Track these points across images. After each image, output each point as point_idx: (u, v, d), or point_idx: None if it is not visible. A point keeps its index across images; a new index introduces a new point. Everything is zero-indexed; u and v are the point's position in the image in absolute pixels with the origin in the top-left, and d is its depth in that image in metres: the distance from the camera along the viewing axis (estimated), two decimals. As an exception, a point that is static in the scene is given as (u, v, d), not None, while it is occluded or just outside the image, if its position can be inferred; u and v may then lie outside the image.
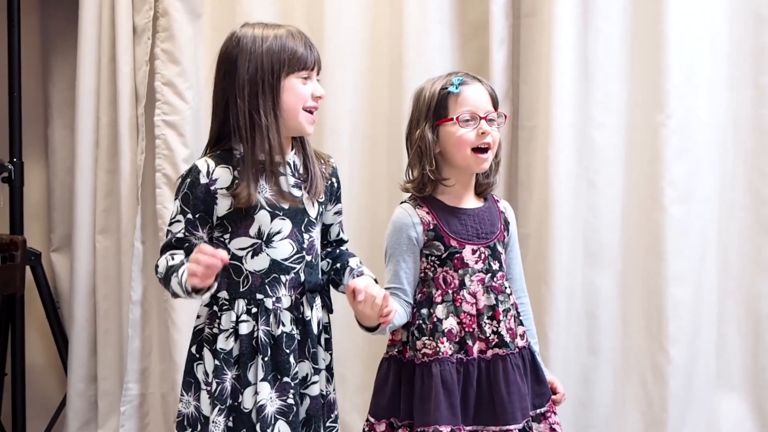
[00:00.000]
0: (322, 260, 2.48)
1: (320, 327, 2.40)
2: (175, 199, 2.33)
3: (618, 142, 3.26)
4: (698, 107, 3.19)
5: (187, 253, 2.28)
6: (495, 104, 2.52)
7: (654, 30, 3.18)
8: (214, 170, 2.29)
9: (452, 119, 2.45)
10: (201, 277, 2.15)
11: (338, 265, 2.49)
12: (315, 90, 2.34)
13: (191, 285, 2.18)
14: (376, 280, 2.40)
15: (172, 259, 2.29)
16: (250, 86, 2.28)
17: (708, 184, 3.22)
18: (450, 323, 2.44)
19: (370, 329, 2.41)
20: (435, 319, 2.45)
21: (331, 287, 2.51)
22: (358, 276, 2.41)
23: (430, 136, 2.47)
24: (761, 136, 3.20)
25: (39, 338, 3.82)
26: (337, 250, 2.54)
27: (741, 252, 3.26)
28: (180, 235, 2.31)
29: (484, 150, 2.46)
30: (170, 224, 2.34)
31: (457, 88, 2.46)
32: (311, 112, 2.35)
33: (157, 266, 2.33)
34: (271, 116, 2.28)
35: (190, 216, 2.30)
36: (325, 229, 2.52)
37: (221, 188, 2.29)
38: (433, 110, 2.48)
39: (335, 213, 2.53)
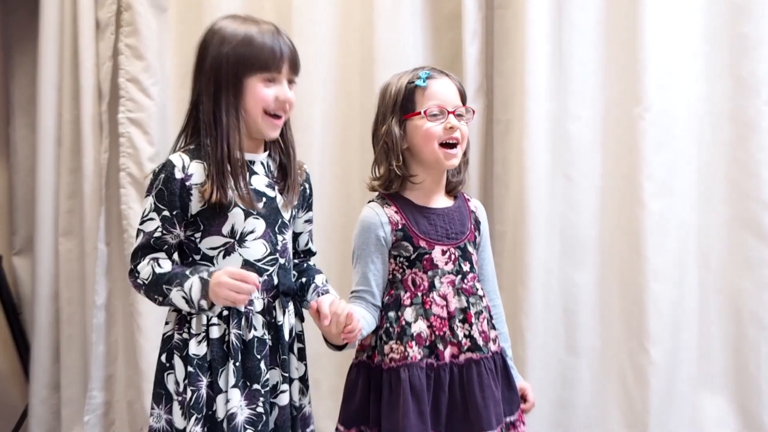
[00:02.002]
0: None
1: (293, 334, 2.43)
2: (147, 195, 2.34)
3: (595, 136, 3.29)
4: (676, 99, 3.22)
5: (167, 255, 2.33)
6: (463, 99, 2.56)
7: (630, 20, 3.21)
8: (189, 165, 2.31)
9: (420, 113, 2.49)
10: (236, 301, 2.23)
11: (303, 279, 2.52)
12: (280, 93, 2.36)
13: (221, 305, 2.25)
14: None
15: (159, 266, 2.32)
16: (214, 83, 2.32)
17: (687, 178, 3.25)
18: (419, 327, 2.46)
19: (338, 347, 2.43)
20: (403, 323, 2.47)
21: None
22: (323, 294, 2.43)
23: (397, 131, 2.50)
24: (740, 128, 3.22)
25: None
26: (305, 264, 2.57)
27: (722, 247, 3.29)
28: (157, 234, 2.31)
29: (453, 146, 2.50)
30: (142, 222, 2.33)
31: (424, 81, 2.50)
32: (277, 116, 2.38)
33: (136, 271, 2.34)
34: (232, 116, 2.32)
35: (166, 213, 2.30)
36: (294, 238, 2.54)
37: (196, 184, 2.30)
38: (400, 105, 2.52)
39: (305, 221, 2.57)
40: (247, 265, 2.34)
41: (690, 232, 3.28)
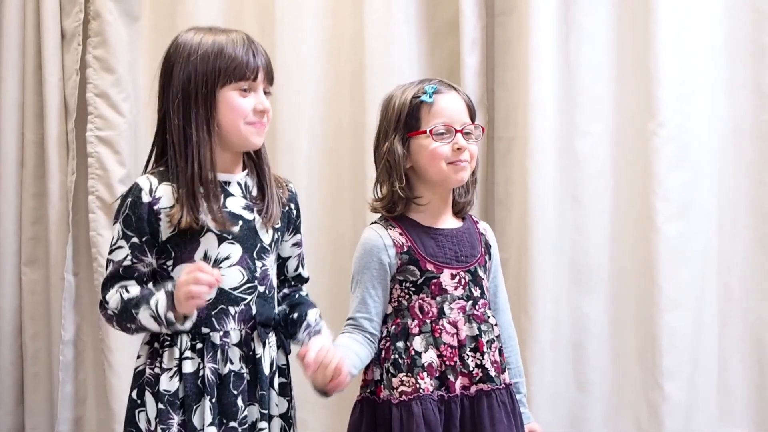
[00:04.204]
0: (280, 303, 2.46)
1: (274, 368, 2.37)
2: (115, 222, 2.31)
3: (605, 154, 3.27)
4: (694, 113, 3.20)
5: (139, 283, 2.28)
6: (472, 115, 2.53)
7: (644, 28, 3.19)
8: (157, 188, 2.28)
9: (425, 132, 2.45)
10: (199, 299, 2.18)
11: (295, 315, 2.45)
12: (257, 104, 2.32)
13: (191, 308, 2.18)
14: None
15: (127, 291, 2.27)
16: (183, 99, 2.29)
17: (706, 199, 3.23)
18: (430, 356, 2.42)
19: (322, 393, 2.39)
20: (413, 353, 2.42)
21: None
22: (314, 334, 2.39)
23: (400, 149, 2.47)
24: (764, 145, 3.21)
25: (-42, 385, 3.79)
26: (297, 295, 2.53)
27: (744, 274, 3.26)
28: (127, 262, 2.28)
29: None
30: (111, 252, 2.30)
31: (430, 97, 2.46)
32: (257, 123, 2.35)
33: (105, 302, 2.30)
34: (203, 132, 2.27)
35: (135, 240, 2.27)
36: (282, 263, 2.50)
37: (165, 207, 2.27)
38: (404, 121, 2.48)
39: (294, 245, 2.51)
40: (222, 294, 2.30)
41: (709, 259, 3.26)
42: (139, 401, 2.30)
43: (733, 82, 3.23)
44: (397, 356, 2.43)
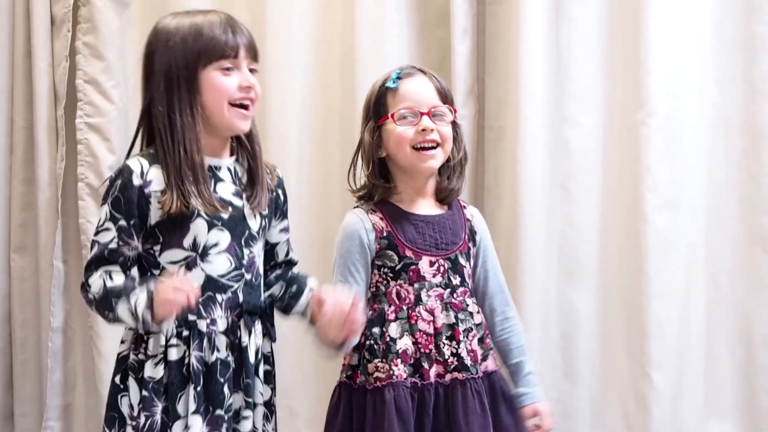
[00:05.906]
0: (273, 284, 2.48)
1: (259, 356, 2.37)
2: (103, 204, 2.30)
3: (595, 144, 3.27)
4: (683, 104, 3.19)
5: (123, 268, 2.28)
6: (443, 98, 2.53)
7: (634, 18, 3.19)
8: (148, 170, 2.27)
9: (390, 117, 2.49)
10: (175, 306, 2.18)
11: (294, 288, 2.47)
12: (242, 80, 2.30)
13: (167, 314, 2.18)
14: None
15: (111, 279, 2.27)
16: (165, 84, 2.28)
17: (695, 190, 3.22)
18: (405, 343, 2.44)
19: (334, 347, 2.39)
20: (388, 339, 2.44)
21: (282, 314, 2.48)
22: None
23: (368, 137, 2.51)
24: (753, 136, 3.21)
25: (-54, 372, 3.78)
26: (290, 273, 2.53)
27: (732, 265, 3.27)
28: (113, 245, 2.27)
29: (428, 148, 2.48)
30: (97, 233, 2.29)
31: (394, 82, 2.50)
32: (244, 107, 2.33)
33: (87, 285, 2.29)
34: (187, 116, 2.27)
35: (123, 223, 2.26)
36: (271, 249, 2.50)
37: (156, 191, 2.26)
38: (373, 110, 2.53)
39: (281, 230, 2.51)
40: (209, 281, 2.30)
41: (697, 249, 3.26)
42: (122, 386, 2.30)
43: (723, 73, 3.23)
44: (372, 342, 2.45)
